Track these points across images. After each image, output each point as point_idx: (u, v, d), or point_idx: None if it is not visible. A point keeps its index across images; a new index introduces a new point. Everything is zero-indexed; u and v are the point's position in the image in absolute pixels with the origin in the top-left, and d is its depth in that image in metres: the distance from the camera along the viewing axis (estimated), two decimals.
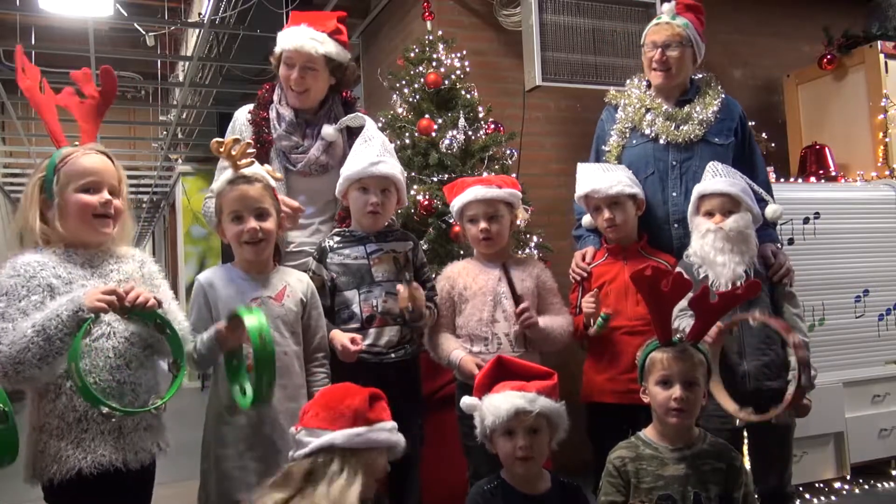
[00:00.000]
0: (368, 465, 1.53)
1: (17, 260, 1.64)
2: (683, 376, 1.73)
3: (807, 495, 3.15)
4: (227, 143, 1.89)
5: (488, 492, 1.72)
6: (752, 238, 2.18)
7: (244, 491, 1.80)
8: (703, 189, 2.22)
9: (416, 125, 3.06)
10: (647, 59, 2.51)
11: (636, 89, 2.59)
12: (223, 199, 1.92)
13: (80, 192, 1.68)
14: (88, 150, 1.73)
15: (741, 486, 1.75)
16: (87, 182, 1.68)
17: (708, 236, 2.16)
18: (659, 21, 2.51)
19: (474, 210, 2.22)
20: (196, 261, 8.50)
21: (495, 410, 1.67)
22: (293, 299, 1.97)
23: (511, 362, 1.78)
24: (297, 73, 2.29)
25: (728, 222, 2.14)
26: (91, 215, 1.68)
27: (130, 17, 6.29)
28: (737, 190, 2.16)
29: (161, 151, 8.35)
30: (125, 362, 1.65)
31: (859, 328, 3.37)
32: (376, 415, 1.56)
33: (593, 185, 2.34)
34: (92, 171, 1.70)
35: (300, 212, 2.20)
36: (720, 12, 4.41)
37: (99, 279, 1.68)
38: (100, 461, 1.58)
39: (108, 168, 1.73)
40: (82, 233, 1.70)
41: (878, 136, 3.89)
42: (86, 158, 1.70)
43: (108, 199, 1.69)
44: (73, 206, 1.67)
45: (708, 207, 2.20)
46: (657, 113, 2.49)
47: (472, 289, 2.19)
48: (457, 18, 3.78)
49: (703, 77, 2.60)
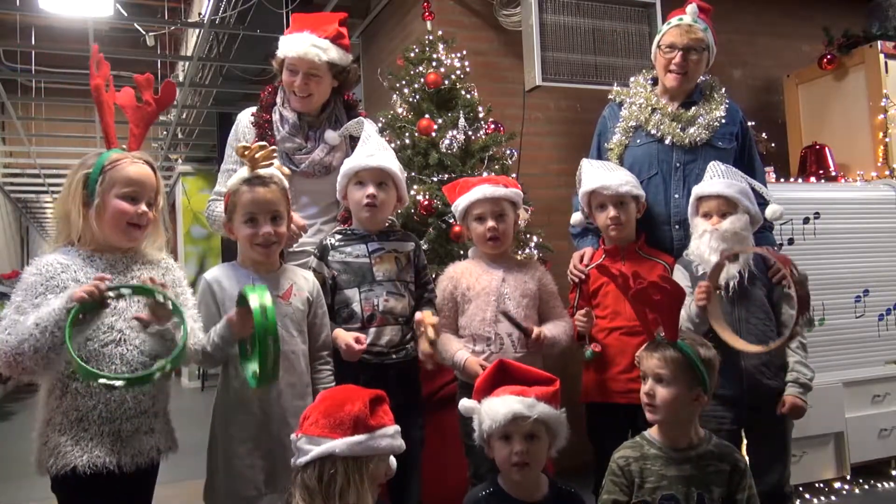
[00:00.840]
0: (372, 473, 1.51)
1: (42, 259, 1.70)
2: (651, 372, 1.75)
3: (807, 495, 3.15)
4: (254, 148, 1.90)
5: (483, 499, 1.71)
6: (748, 239, 2.18)
7: (252, 489, 1.81)
8: (701, 191, 2.23)
9: (416, 125, 3.06)
10: (665, 60, 2.47)
11: (641, 87, 2.58)
12: (238, 198, 1.91)
13: (121, 198, 1.71)
14: (137, 158, 1.77)
15: (745, 488, 1.75)
16: (129, 191, 1.72)
17: (704, 237, 2.18)
18: (680, 23, 2.46)
19: (481, 209, 2.21)
20: (196, 261, 8.50)
21: (493, 414, 1.65)
22: (300, 298, 1.97)
23: (513, 366, 1.76)
24: (301, 79, 2.30)
25: (724, 224, 2.15)
26: (126, 223, 1.72)
27: (130, 17, 6.30)
28: (733, 192, 2.17)
29: (161, 151, 8.35)
30: (131, 370, 1.66)
31: (859, 328, 3.37)
32: (378, 420, 1.53)
33: (602, 181, 2.33)
34: (136, 180, 1.74)
35: (303, 231, 2.21)
36: (720, 12, 4.38)
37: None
38: (94, 461, 1.61)
39: (151, 179, 1.78)
40: (113, 237, 1.73)
41: (878, 136, 3.89)
42: (133, 167, 1.74)
43: (144, 211, 1.74)
44: (111, 210, 1.71)
45: (705, 209, 2.22)
46: (663, 113, 2.49)
47: (475, 289, 2.19)
48: (457, 18, 3.78)
49: (707, 80, 2.59)
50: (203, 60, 5.62)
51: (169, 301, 1.66)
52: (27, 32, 6.64)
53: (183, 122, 7.51)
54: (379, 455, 1.53)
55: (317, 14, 2.46)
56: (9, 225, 11.31)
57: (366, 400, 1.54)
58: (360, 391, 1.59)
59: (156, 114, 1.89)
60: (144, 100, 1.87)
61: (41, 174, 9.12)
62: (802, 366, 2.18)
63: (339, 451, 1.48)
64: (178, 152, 8.90)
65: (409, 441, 1.67)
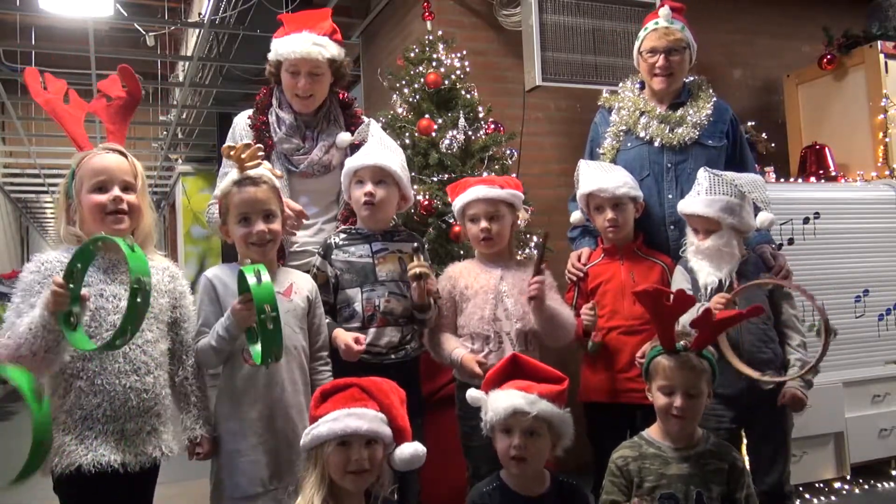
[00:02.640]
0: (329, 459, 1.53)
1: (43, 256, 1.71)
2: (685, 387, 1.74)
3: (807, 495, 3.15)
4: (239, 148, 1.91)
5: (486, 494, 1.72)
6: (730, 254, 2.17)
7: (257, 485, 1.82)
8: (682, 209, 2.26)
9: (416, 125, 3.06)
10: (648, 64, 2.51)
11: (629, 92, 2.60)
12: (230, 200, 1.93)
13: (93, 191, 1.72)
14: (103, 149, 1.76)
15: (743, 486, 1.76)
16: (98, 181, 1.72)
17: (689, 248, 2.24)
18: (657, 27, 2.50)
19: (475, 209, 2.22)
20: (196, 261, 8.50)
21: (495, 407, 1.67)
22: (300, 296, 1.99)
23: (525, 362, 1.77)
24: (305, 80, 2.30)
25: (707, 242, 2.18)
26: (103, 213, 1.71)
27: (130, 17, 6.30)
28: (713, 211, 2.16)
29: (161, 151, 8.36)
30: (133, 368, 1.68)
31: (859, 328, 3.37)
32: (321, 410, 1.56)
33: (600, 183, 2.34)
34: (101, 169, 1.73)
35: (303, 216, 2.20)
36: (720, 12, 4.42)
37: (119, 286, 1.72)
38: (99, 460, 1.62)
39: (121, 165, 1.76)
40: (96, 231, 1.72)
41: (878, 136, 3.89)
42: (98, 158, 1.74)
43: (116, 196, 1.72)
44: (87, 207, 1.72)
45: (692, 224, 2.24)
46: (651, 116, 2.51)
47: (474, 287, 2.19)
48: (457, 18, 3.78)
49: (695, 80, 2.62)
50: (203, 60, 5.62)
51: (124, 244, 1.56)
52: (27, 32, 6.65)
53: (183, 122, 7.52)
54: (327, 441, 1.53)
55: (306, 12, 2.43)
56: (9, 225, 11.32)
57: (318, 394, 1.60)
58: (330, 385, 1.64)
59: (128, 105, 1.88)
60: (114, 96, 1.87)
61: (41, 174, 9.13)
62: (804, 361, 2.18)
63: (302, 444, 1.57)
64: (178, 152, 8.91)
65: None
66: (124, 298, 1.70)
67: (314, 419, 1.56)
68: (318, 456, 1.54)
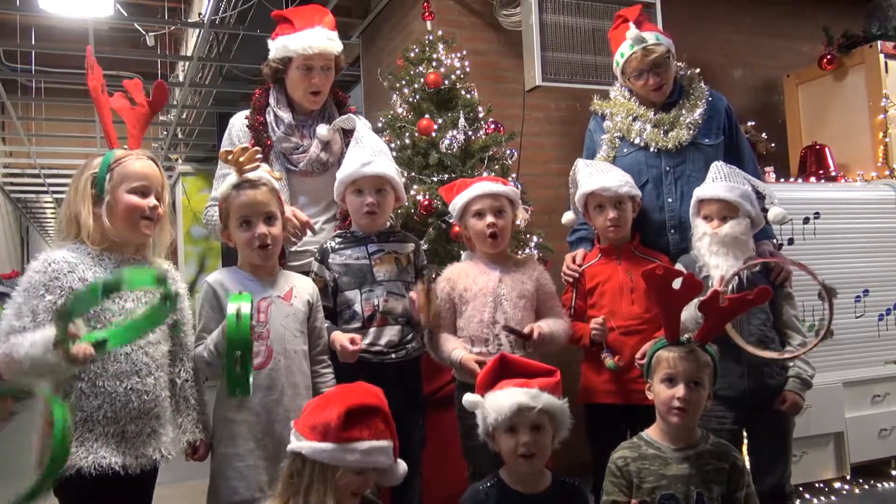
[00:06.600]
0: (340, 482, 1.53)
1: (50, 254, 1.70)
2: (688, 376, 1.73)
3: (807, 495, 3.15)
4: (237, 152, 1.91)
5: (483, 492, 1.71)
6: (748, 243, 2.19)
7: (255, 490, 1.82)
8: (702, 194, 2.24)
9: (416, 125, 3.06)
10: (639, 85, 2.47)
11: (620, 97, 2.57)
12: (230, 204, 1.93)
13: (132, 193, 1.74)
14: (140, 155, 1.80)
15: (743, 486, 1.76)
16: (139, 185, 1.76)
17: (704, 239, 2.19)
18: (634, 49, 2.43)
19: (481, 204, 2.20)
20: (196, 261, 8.49)
21: (498, 407, 1.66)
22: (301, 299, 1.98)
23: (513, 360, 1.77)
24: (320, 76, 2.29)
25: (724, 228, 2.16)
26: (139, 217, 1.75)
27: (130, 17, 6.29)
28: (735, 196, 2.17)
29: (161, 151, 8.35)
30: (135, 370, 1.68)
31: (859, 328, 3.37)
32: (352, 433, 1.53)
33: (601, 183, 2.33)
34: (144, 175, 1.77)
35: (310, 228, 2.20)
36: (720, 12, 4.42)
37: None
38: (100, 462, 1.61)
39: (157, 174, 1.81)
40: (127, 232, 1.75)
41: (878, 136, 3.89)
42: (139, 162, 1.78)
43: (155, 204, 1.77)
44: (122, 206, 1.73)
45: (706, 212, 2.22)
46: (644, 120, 2.49)
47: (473, 290, 2.19)
48: (457, 18, 3.78)
49: (686, 75, 2.58)
50: (203, 60, 5.62)
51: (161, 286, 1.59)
52: (27, 32, 6.64)
53: (183, 122, 7.51)
54: (348, 467, 1.53)
55: (308, 7, 2.39)
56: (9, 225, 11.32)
57: (342, 410, 1.53)
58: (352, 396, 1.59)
59: (149, 115, 1.93)
60: (137, 102, 1.90)
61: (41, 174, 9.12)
62: (804, 362, 2.20)
63: (306, 453, 1.53)
64: (178, 152, 8.90)
65: (410, 441, 1.67)
66: (129, 301, 1.71)
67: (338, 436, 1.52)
68: (328, 475, 1.52)
